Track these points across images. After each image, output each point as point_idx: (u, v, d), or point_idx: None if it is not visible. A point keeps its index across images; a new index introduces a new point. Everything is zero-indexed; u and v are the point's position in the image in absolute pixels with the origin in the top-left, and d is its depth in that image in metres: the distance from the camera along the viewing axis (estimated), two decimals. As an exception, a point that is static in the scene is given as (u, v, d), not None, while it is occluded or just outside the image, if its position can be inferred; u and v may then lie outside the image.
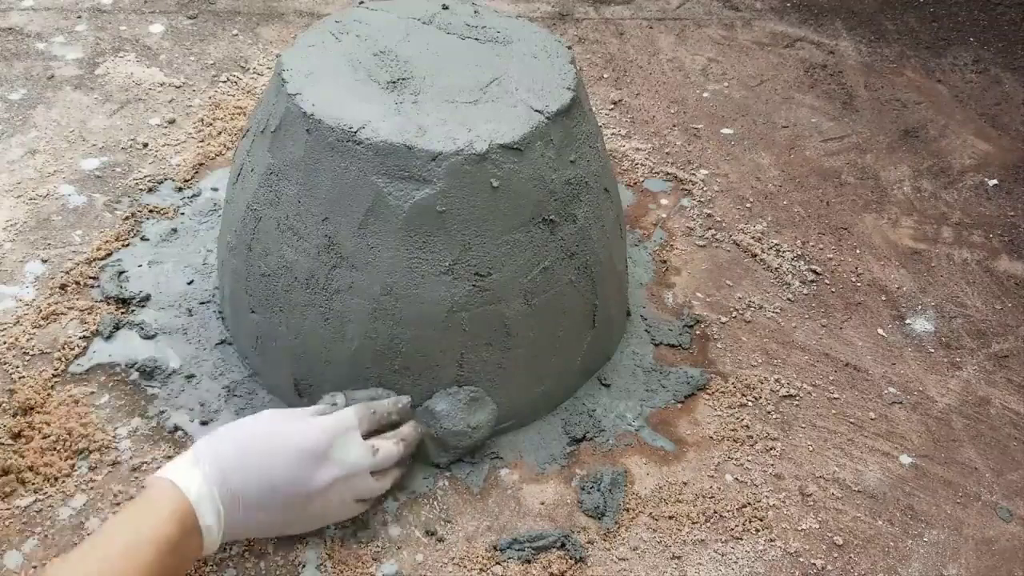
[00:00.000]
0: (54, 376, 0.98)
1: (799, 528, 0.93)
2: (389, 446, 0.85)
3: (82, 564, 0.66)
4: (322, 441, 0.79)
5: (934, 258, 1.31)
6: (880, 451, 1.02)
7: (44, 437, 0.91)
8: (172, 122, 1.38)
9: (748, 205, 1.36)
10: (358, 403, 0.87)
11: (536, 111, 0.91)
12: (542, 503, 0.92)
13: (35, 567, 0.82)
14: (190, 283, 1.11)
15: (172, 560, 0.69)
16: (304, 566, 0.84)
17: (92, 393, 0.97)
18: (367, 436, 0.85)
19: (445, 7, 1.07)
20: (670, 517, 0.92)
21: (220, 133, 1.36)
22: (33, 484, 0.88)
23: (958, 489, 1.00)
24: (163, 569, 0.68)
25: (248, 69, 1.52)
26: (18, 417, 0.92)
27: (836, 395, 1.08)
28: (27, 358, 1.00)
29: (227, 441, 0.77)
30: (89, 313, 1.05)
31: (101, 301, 1.07)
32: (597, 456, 0.98)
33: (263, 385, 1.00)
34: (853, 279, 1.25)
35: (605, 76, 1.63)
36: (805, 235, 1.31)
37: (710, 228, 1.30)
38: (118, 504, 0.87)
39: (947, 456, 1.03)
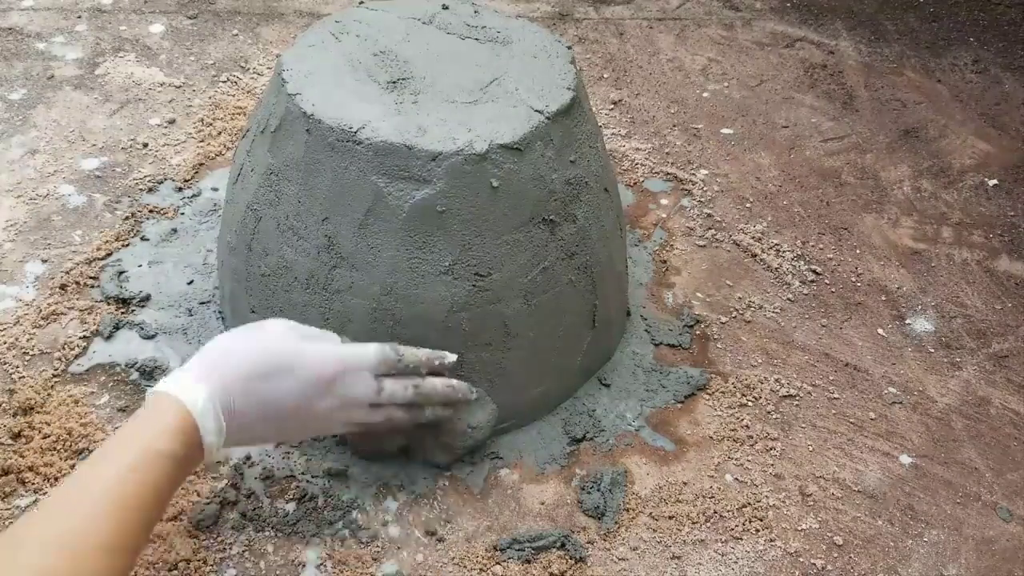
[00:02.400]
0: (54, 376, 0.98)
1: (799, 528, 0.93)
2: (395, 387, 0.83)
3: (92, 481, 0.66)
4: (328, 372, 0.78)
5: (934, 258, 1.31)
6: (880, 451, 1.02)
7: (44, 437, 0.91)
8: (172, 122, 1.38)
9: (748, 205, 1.36)
10: (388, 347, 0.84)
11: (536, 111, 0.91)
12: (542, 503, 0.93)
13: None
14: (190, 283, 1.11)
15: (176, 474, 0.69)
16: (304, 566, 0.84)
17: (92, 393, 0.97)
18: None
19: (445, 7, 1.07)
20: (670, 517, 0.92)
21: (220, 133, 1.36)
22: (33, 484, 0.88)
23: (958, 489, 1.00)
24: (169, 483, 0.69)
25: (248, 69, 1.52)
26: (18, 417, 0.92)
27: (836, 395, 1.08)
28: (27, 358, 1.00)
29: (230, 356, 0.76)
30: (89, 313, 1.05)
31: (101, 301, 1.07)
32: (597, 456, 0.98)
33: (263, 385, 1.00)
34: (853, 279, 1.25)
35: (605, 76, 1.63)
36: (805, 235, 1.32)
37: (710, 228, 1.30)
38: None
39: (947, 456, 1.03)
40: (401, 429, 0.88)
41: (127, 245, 1.15)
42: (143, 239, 1.17)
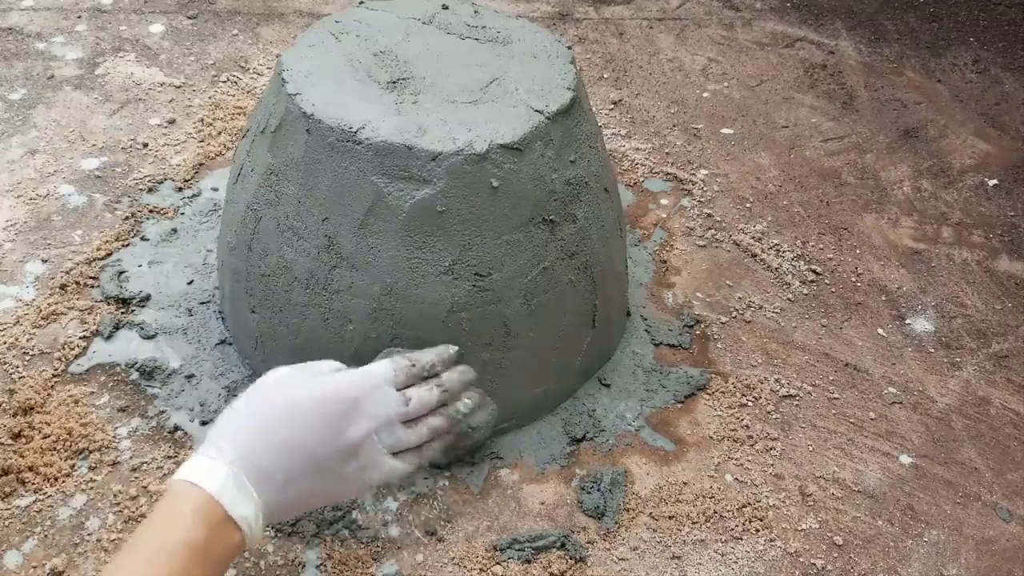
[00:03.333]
0: (54, 376, 0.98)
1: (799, 528, 0.93)
2: (422, 393, 0.78)
3: None
4: (350, 395, 0.72)
5: (934, 258, 1.31)
6: (880, 451, 1.02)
7: (44, 437, 0.91)
8: (172, 122, 1.38)
9: (748, 205, 1.36)
10: (397, 355, 0.80)
11: (536, 111, 0.91)
12: (542, 503, 0.93)
13: (34, 567, 0.82)
14: (190, 283, 1.11)
15: (204, 564, 0.63)
16: (304, 566, 0.84)
17: (92, 393, 0.97)
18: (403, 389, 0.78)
19: (445, 7, 1.07)
20: (670, 517, 0.92)
21: (220, 133, 1.36)
22: (33, 484, 0.88)
23: (958, 489, 1.00)
24: (198, 573, 0.62)
25: (248, 69, 1.52)
26: (18, 417, 0.92)
27: (836, 395, 1.08)
28: (27, 358, 1.00)
29: (244, 418, 0.70)
30: (89, 313, 1.05)
31: (101, 301, 1.07)
32: (597, 456, 0.98)
33: (263, 385, 1.00)
34: (853, 279, 1.25)
35: (605, 76, 1.63)
36: (805, 235, 1.32)
37: (710, 228, 1.30)
38: (118, 504, 0.87)
39: (947, 456, 1.03)
40: (446, 442, 0.81)
41: (127, 245, 1.16)
42: (143, 239, 1.17)
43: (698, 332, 1.14)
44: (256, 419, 0.69)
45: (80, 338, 1.02)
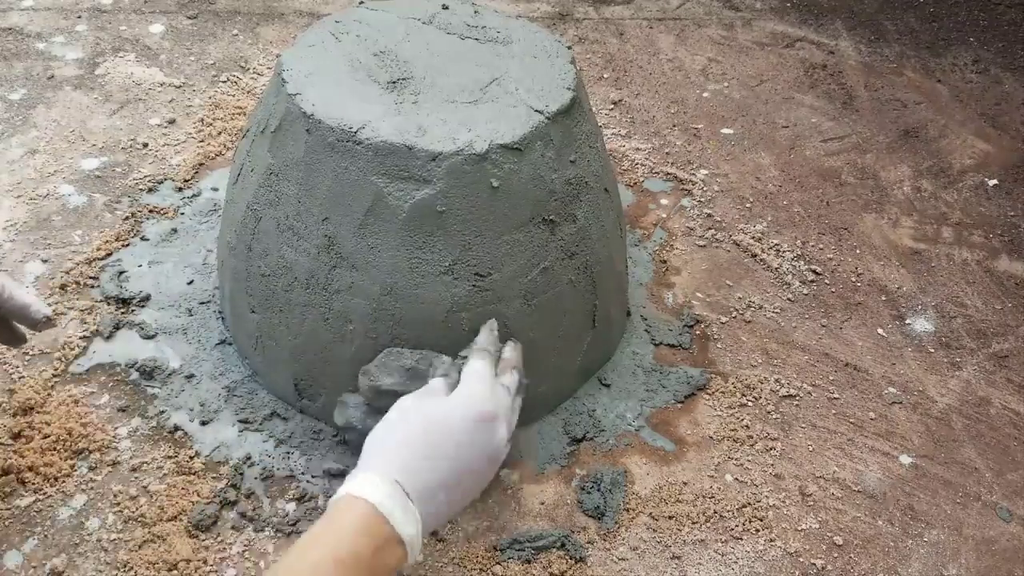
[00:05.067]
0: (54, 376, 0.98)
1: (799, 528, 0.93)
2: (513, 377, 0.82)
3: None
4: (487, 402, 0.75)
5: (934, 258, 1.31)
6: (880, 451, 1.02)
7: (44, 437, 0.91)
8: (172, 122, 1.38)
9: (748, 205, 1.36)
10: (477, 352, 0.82)
11: (536, 111, 0.91)
12: (542, 503, 0.92)
13: (34, 567, 0.82)
14: (190, 283, 1.11)
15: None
16: (304, 566, 0.84)
17: (92, 393, 0.97)
18: None
19: (445, 7, 1.07)
20: (670, 517, 0.92)
21: (220, 133, 1.36)
22: (33, 484, 0.88)
23: (958, 489, 0.99)
24: None
25: (248, 69, 1.52)
26: (18, 417, 0.92)
27: (836, 395, 1.08)
28: (27, 358, 1.00)
29: (393, 439, 0.72)
30: (89, 313, 1.05)
31: (101, 301, 1.07)
32: (597, 456, 0.98)
33: (263, 385, 1.00)
34: (853, 279, 1.25)
35: (605, 76, 1.63)
36: (805, 235, 1.32)
37: (710, 228, 1.30)
38: (118, 504, 0.87)
39: (947, 456, 1.03)
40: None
41: (127, 245, 1.15)
42: (143, 239, 1.17)
43: (698, 332, 1.14)
44: (409, 437, 0.71)
45: (80, 338, 1.02)
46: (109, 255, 1.13)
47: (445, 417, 0.73)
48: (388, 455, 0.70)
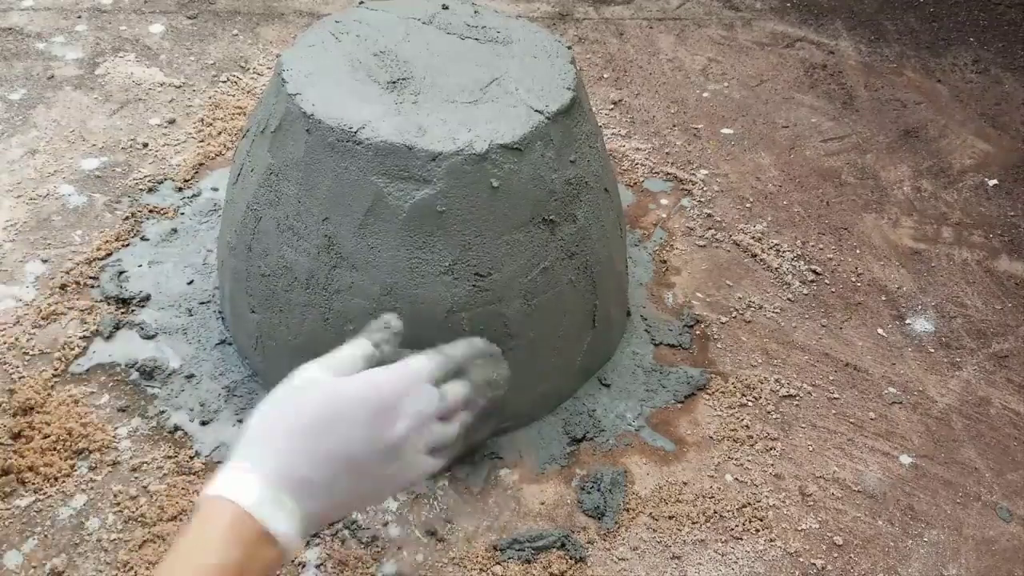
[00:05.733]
0: (54, 376, 0.98)
1: (799, 528, 0.93)
2: (457, 388, 0.74)
3: None
4: (391, 394, 0.68)
5: (934, 258, 1.31)
6: (880, 451, 1.02)
7: (44, 437, 0.91)
8: (172, 122, 1.38)
9: (748, 205, 1.36)
10: (431, 351, 0.76)
11: (536, 111, 0.91)
12: (542, 503, 0.92)
13: (34, 567, 0.82)
14: (190, 283, 1.11)
15: None
16: (304, 566, 0.84)
17: (92, 393, 0.97)
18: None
19: (445, 7, 1.07)
20: (670, 517, 0.92)
21: (220, 133, 1.36)
22: (33, 484, 0.88)
23: (958, 489, 0.99)
24: None
25: (248, 69, 1.52)
26: (18, 417, 0.92)
27: (836, 395, 1.08)
28: (27, 358, 1.00)
29: (278, 424, 0.66)
30: (89, 313, 1.05)
31: (101, 301, 1.07)
32: (597, 456, 0.98)
33: (263, 385, 1.00)
34: (853, 279, 1.25)
35: (605, 76, 1.63)
36: (805, 235, 1.31)
37: (710, 228, 1.30)
38: (118, 504, 0.87)
39: (947, 456, 1.03)
40: (470, 437, 0.77)
41: (127, 245, 1.15)
42: (143, 239, 1.17)
43: (698, 332, 1.14)
44: (292, 426, 0.66)
45: (80, 338, 1.02)
46: (109, 255, 1.13)
47: (333, 398, 0.67)
48: (265, 440, 0.65)
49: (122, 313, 1.06)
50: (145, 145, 1.33)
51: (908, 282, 1.26)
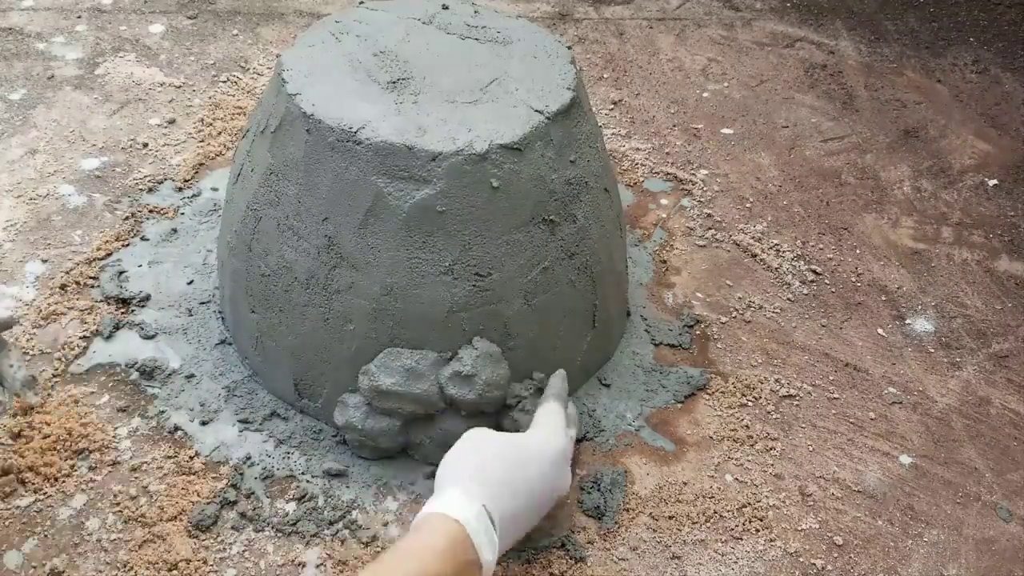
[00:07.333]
0: (54, 376, 0.98)
1: (799, 528, 0.93)
2: (574, 431, 0.89)
3: None
4: (569, 455, 0.84)
5: (934, 258, 1.31)
6: (880, 451, 1.02)
7: (44, 437, 0.91)
8: (172, 122, 1.38)
9: (748, 205, 1.36)
10: (554, 396, 0.90)
11: (536, 111, 0.91)
12: (542, 503, 0.92)
13: (34, 567, 0.82)
14: (190, 283, 1.11)
15: None
16: (304, 566, 0.84)
17: (92, 393, 0.97)
18: None
19: (445, 7, 1.07)
20: (670, 517, 0.92)
21: (220, 133, 1.36)
22: (33, 484, 0.88)
23: (958, 489, 1.00)
24: None
25: (248, 69, 1.52)
26: (18, 417, 0.92)
27: (836, 395, 1.08)
28: (27, 358, 1.00)
29: (492, 462, 0.76)
30: (89, 313, 1.05)
31: (101, 301, 1.07)
32: (597, 456, 0.98)
33: (263, 385, 1.00)
34: (853, 279, 1.25)
35: (605, 76, 1.63)
36: (805, 235, 1.31)
37: (710, 228, 1.30)
38: (118, 504, 0.87)
39: (947, 456, 1.03)
40: None
41: (127, 245, 1.15)
42: (143, 239, 1.17)
43: (698, 332, 1.14)
44: (497, 464, 0.75)
45: (80, 338, 1.02)
46: (109, 255, 1.13)
47: (526, 448, 0.78)
48: (473, 478, 0.73)
49: (122, 313, 1.06)
50: (145, 145, 1.33)
51: (908, 282, 1.26)
